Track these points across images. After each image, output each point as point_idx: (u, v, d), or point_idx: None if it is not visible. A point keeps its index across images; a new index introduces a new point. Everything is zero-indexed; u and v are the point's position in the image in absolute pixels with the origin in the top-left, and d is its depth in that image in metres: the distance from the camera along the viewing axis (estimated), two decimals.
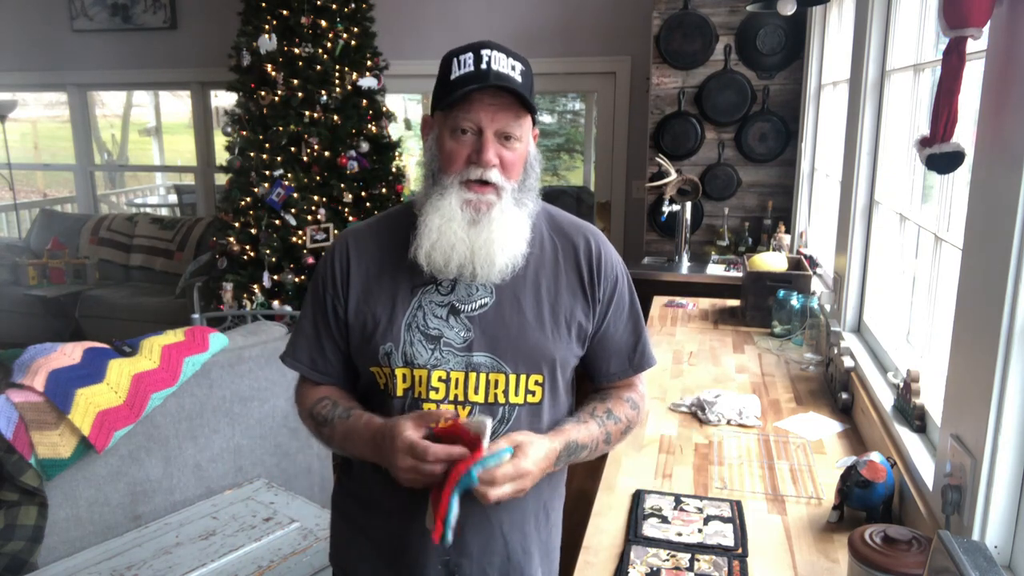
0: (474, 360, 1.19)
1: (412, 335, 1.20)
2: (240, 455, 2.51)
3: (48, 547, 2.05)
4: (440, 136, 1.18)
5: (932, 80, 1.92)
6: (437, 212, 1.15)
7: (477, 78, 1.12)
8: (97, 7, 5.93)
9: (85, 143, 6.56)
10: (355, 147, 4.38)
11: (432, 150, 1.20)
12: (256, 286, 4.25)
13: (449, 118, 1.15)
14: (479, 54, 1.14)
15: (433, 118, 1.22)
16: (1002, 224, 1.07)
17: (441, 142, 1.17)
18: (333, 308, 1.25)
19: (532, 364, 1.21)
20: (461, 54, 1.15)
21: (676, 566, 1.32)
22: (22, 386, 2.08)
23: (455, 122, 1.14)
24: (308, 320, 1.29)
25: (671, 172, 3.98)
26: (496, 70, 1.13)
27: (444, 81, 1.16)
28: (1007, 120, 1.08)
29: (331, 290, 1.25)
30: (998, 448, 1.10)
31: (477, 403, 1.19)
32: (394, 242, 1.24)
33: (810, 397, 2.13)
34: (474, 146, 1.15)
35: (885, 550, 1.15)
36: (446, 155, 1.16)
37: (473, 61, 1.14)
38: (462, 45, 1.18)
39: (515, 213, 1.18)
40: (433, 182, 1.19)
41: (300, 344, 1.30)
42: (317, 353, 1.28)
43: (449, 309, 1.20)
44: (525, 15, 4.96)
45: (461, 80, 1.13)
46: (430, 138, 1.21)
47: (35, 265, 5.55)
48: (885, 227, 2.21)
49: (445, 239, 1.15)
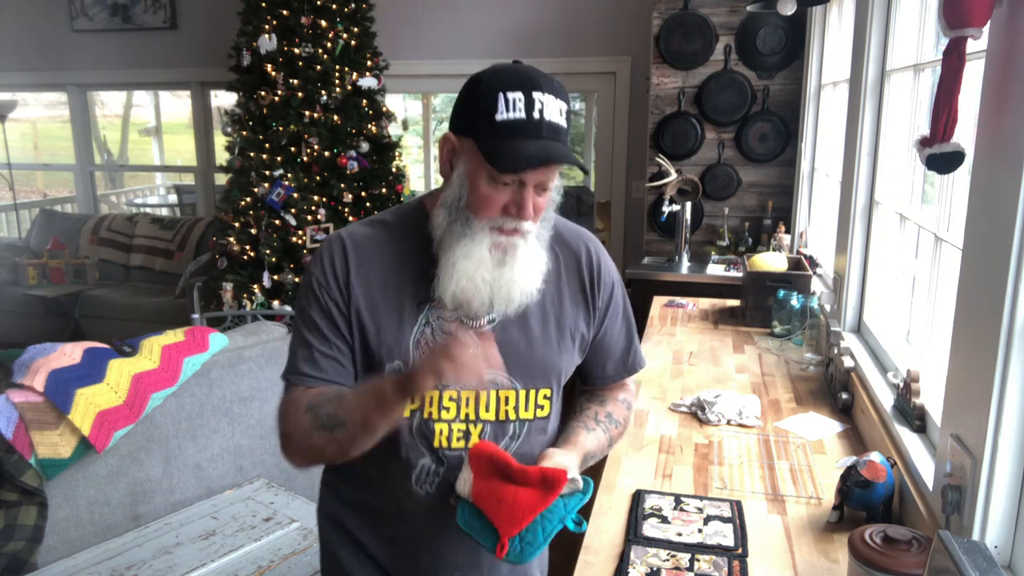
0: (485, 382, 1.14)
1: (421, 353, 1.14)
2: (240, 455, 2.51)
3: (48, 547, 2.05)
4: (474, 175, 1.09)
5: (932, 80, 1.92)
6: (467, 257, 1.09)
7: (528, 129, 1.05)
8: (97, 7, 5.93)
9: (85, 143, 6.56)
10: (355, 147, 4.38)
11: (462, 186, 1.11)
12: (256, 286, 4.25)
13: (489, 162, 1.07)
14: (531, 97, 1.06)
15: (461, 143, 1.12)
16: (1002, 224, 1.07)
17: (475, 183, 1.09)
18: (339, 312, 1.16)
19: (541, 379, 1.21)
20: (510, 91, 1.06)
21: (676, 566, 1.32)
22: (22, 386, 2.08)
23: (496, 172, 1.07)
24: (310, 329, 1.17)
25: (671, 172, 3.98)
26: (548, 121, 1.07)
27: (488, 117, 1.06)
28: (1007, 120, 1.08)
29: (333, 294, 1.16)
30: (998, 448, 1.10)
31: (488, 421, 1.17)
32: (399, 253, 1.17)
33: (810, 397, 2.13)
34: (513, 196, 1.09)
35: (885, 550, 1.15)
36: (480, 199, 1.09)
37: (524, 106, 1.05)
38: (506, 69, 1.09)
39: (537, 251, 1.15)
40: (456, 217, 1.11)
41: (307, 356, 1.16)
42: (329, 363, 1.16)
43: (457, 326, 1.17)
44: (525, 15, 4.96)
45: (511, 128, 1.05)
46: (459, 171, 1.11)
47: (35, 265, 5.55)
48: (885, 227, 2.21)
49: (472, 283, 1.10)
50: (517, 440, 1.20)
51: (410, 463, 1.17)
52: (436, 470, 1.17)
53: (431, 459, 1.17)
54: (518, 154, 1.05)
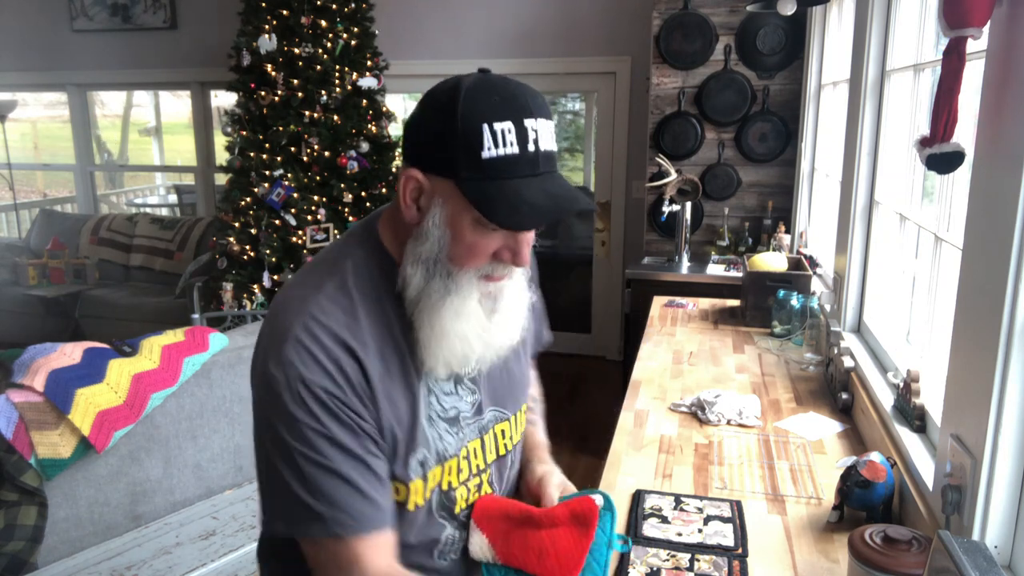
0: (484, 421, 1.07)
1: (436, 428, 1.00)
2: (240, 455, 2.51)
3: (48, 547, 2.05)
4: (455, 222, 0.91)
5: (932, 80, 1.92)
6: (457, 317, 0.94)
7: (523, 166, 0.89)
8: (97, 7, 5.93)
9: (85, 143, 6.56)
10: (355, 147, 4.38)
11: (442, 236, 0.92)
12: (256, 286, 4.25)
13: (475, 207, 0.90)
14: (522, 127, 0.89)
15: (433, 184, 0.92)
16: (1002, 224, 1.07)
17: (458, 231, 0.92)
18: (369, 425, 0.93)
19: (522, 396, 1.16)
20: (496, 121, 0.87)
21: (676, 566, 1.32)
22: (22, 386, 2.08)
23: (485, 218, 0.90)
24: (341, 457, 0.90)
25: (671, 172, 3.98)
26: (544, 152, 0.91)
27: (470, 154, 0.88)
28: (1007, 120, 1.08)
29: (355, 406, 0.92)
30: (998, 448, 1.10)
31: (492, 462, 1.10)
32: (380, 319, 0.97)
33: (810, 397, 2.13)
34: (504, 241, 0.94)
35: (885, 550, 1.15)
36: (466, 250, 0.92)
37: (516, 138, 0.88)
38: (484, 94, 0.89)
39: (523, 286, 1.04)
40: (435, 273, 0.94)
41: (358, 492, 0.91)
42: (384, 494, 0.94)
43: (454, 379, 1.04)
44: (525, 15, 4.96)
45: (502, 167, 0.88)
46: (435, 218, 0.92)
47: (35, 265, 5.55)
48: (885, 227, 2.20)
49: (467, 343, 0.96)
50: (514, 467, 1.16)
51: (433, 540, 1.05)
52: (459, 536, 1.07)
53: (453, 527, 1.07)
54: (518, 203, 0.88)
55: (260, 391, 0.93)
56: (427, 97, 0.94)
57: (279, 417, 0.90)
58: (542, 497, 1.10)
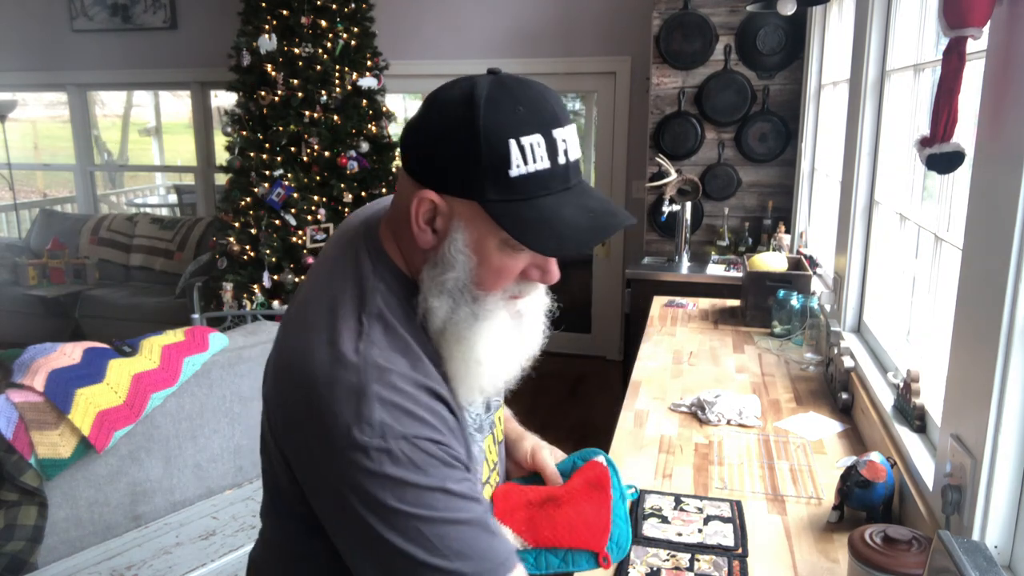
0: (491, 415, 1.04)
1: (476, 443, 0.98)
2: (240, 455, 2.51)
3: (48, 547, 2.05)
4: (481, 245, 0.84)
5: (932, 80, 1.92)
6: (490, 343, 0.88)
7: (555, 181, 0.82)
8: (97, 7, 5.93)
9: (85, 143, 6.56)
10: (355, 147, 4.39)
11: (467, 262, 0.85)
12: (256, 286, 4.25)
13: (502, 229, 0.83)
14: (551, 138, 0.82)
15: (452, 206, 0.84)
16: (1002, 224, 1.07)
17: (485, 255, 0.85)
18: (467, 467, 0.88)
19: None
20: (524, 135, 0.80)
21: (676, 566, 1.32)
22: (22, 386, 2.08)
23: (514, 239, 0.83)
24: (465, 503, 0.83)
25: (671, 172, 3.98)
26: (573, 162, 0.85)
27: (497, 172, 0.80)
28: (1007, 120, 1.08)
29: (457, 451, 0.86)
30: (998, 448, 1.10)
31: (497, 452, 1.09)
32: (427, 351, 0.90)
33: (810, 397, 2.13)
34: (533, 259, 0.88)
35: (885, 550, 1.15)
36: (494, 273, 0.86)
37: (546, 152, 0.81)
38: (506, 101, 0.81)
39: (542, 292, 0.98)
40: (461, 301, 0.87)
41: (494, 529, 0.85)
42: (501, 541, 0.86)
43: None
44: (525, 15, 4.96)
45: (533, 185, 0.81)
46: (456, 242, 0.84)
47: (35, 265, 5.56)
48: (885, 227, 2.21)
49: (502, 368, 0.92)
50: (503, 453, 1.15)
51: None
52: None
53: None
54: (559, 226, 0.81)
55: (342, 465, 0.79)
56: (436, 108, 0.83)
57: (381, 486, 0.78)
58: (543, 469, 1.12)
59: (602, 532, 1.06)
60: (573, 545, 1.05)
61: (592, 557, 1.06)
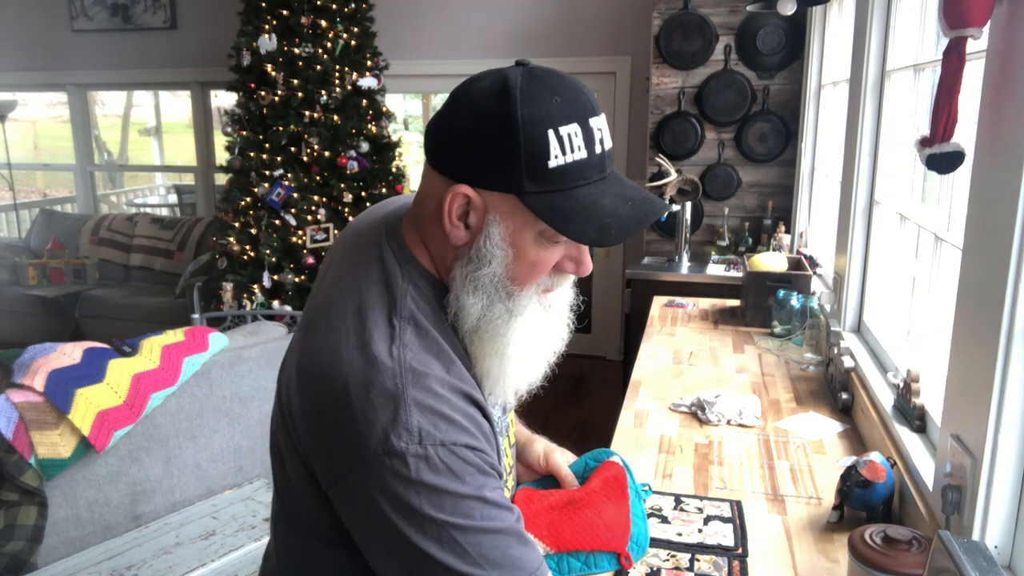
0: (505, 419, 1.02)
1: (501, 449, 0.95)
2: (240, 455, 2.51)
3: (48, 547, 2.05)
4: (518, 238, 0.83)
5: (932, 80, 1.92)
6: (524, 339, 0.87)
7: (592, 170, 0.82)
8: (97, 7, 5.93)
9: (85, 143, 6.56)
10: (355, 147, 4.39)
11: (504, 256, 0.84)
12: (256, 286, 4.26)
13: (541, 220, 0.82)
14: (588, 127, 0.81)
15: (488, 200, 0.82)
16: (1002, 224, 1.07)
17: (521, 248, 0.84)
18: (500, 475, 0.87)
19: None
20: (561, 124, 0.79)
21: (676, 566, 1.32)
22: (22, 386, 2.08)
23: (552, 231, 0.82)
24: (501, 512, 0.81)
25: (671, 172, 3.98)
26: (608, 151, 0.85)
27: (535, 164, 0.79)
28: (1007, 120, 1.08)
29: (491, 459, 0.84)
30: (998, 448, 1.10)
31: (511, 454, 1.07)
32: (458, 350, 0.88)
33: (810, 397, 2.13)
34: (567, 251, 0.87)
35: (885, 550, 1.15)
36: (530, 266, 0.85)
37: (584, 141, 0.81)
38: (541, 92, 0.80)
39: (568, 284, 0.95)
40: (496, 298, 0.85)
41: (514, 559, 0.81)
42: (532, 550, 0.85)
43: None
44: (525, 15, 4.96)
45: (572, 175, 0.81)
46: (493, 237, 0.83)
47: (35, 265, 5.56)
48: (885, 227, 2.21)
49: (535, 365, 0.91)
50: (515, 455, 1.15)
51: None
52: None
53: None
54: (600, 215, 0.81)
55: (377, 471, 0.77)
56: (468, 103, 0.82)
57: (418, 494, 0.76)
58: (557, 472, 1.12)
59: (623, 532, 1.06)
60: (595, 547, 1.05)
61: (614, 558, 1.05)
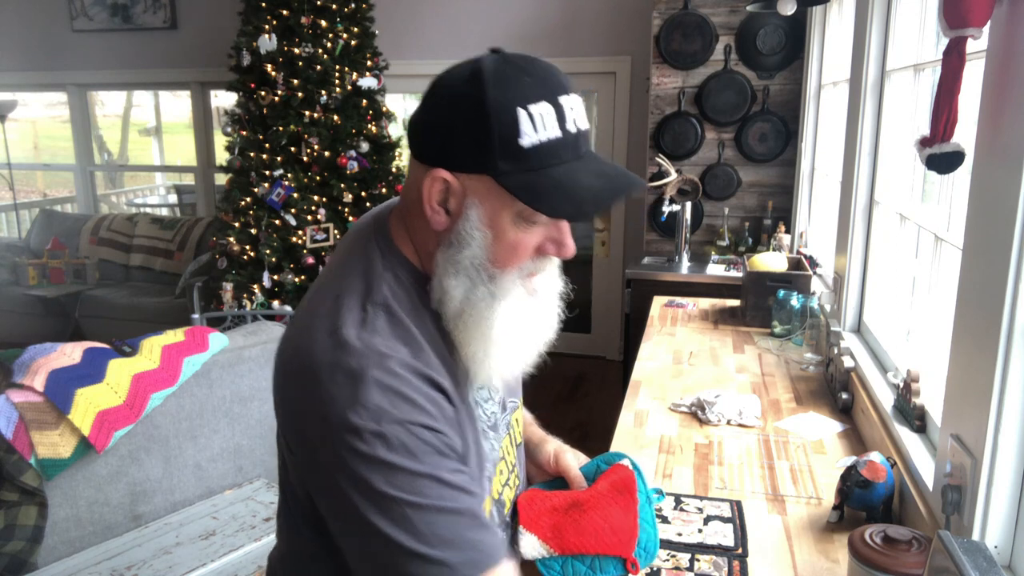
0: (507, 416, 1.03)
1: (489, 440, 0.95)
2: (240, 455, 2.51)
3: (48, 547, 2.05)
4: (496, 220, 0.84)
5: (932, 80, 1.92)
6: (510, 324, 0.88)
7: (566, 150, 0.82)
8: (97, 7, 5.93)
9: (85, 143, 6.56)
10: (355, 147, 4.39)
11: (483, 238, 0.85)
12: (256, 286, 4.25)
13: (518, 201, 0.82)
14: (559, 105, 0.82)
15: (464, 182, 0.84)
16: (1002, 224, 1.07)
17: (500, 230, 0.85)
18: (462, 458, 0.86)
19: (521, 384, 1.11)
20: (532, 102, 0.81)
21: (676, 566, 1.32)
22: (22, 386, 2.08)
23: (529, 210, 0.83)
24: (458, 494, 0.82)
25: (671, 172, 3.98)
26: (583, 131, 0.85)
27: (507, 143, 0.80)
28: (1007, 120, 1.08)
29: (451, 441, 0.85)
30: (998, 448, 1.10)
31: (516, 455, 1.07)
32: (432, 341, 0.89)
33: (810, 397, 2.13)
34: (547, 233, 0.87)
35: (885, 550, 1.15)
36: (509, 249, 0.85)
37: (556, 119, 0.82)
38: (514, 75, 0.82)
39: (556, 272, 0.96)
40: (478, 281, 0.86)
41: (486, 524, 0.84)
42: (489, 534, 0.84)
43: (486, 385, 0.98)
44: (525, 15, 4.96)
45: (545, 154, 0.81)
46: (471, 220, 0.84)
47: (35, 265, 5.56)
48: (885, 227, 2.21)
49: (519, 351, 0.91)
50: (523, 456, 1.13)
51: None
52: (506, 537, 1.02)
53: (504, 531, 1.01)
54: (574, 190, 0.81)
55: (336, 448, 0.79)
56: (441, 89, 0.84)
57: (373, 470, 0.78)
58: (566, 473, 1.09)
59: (629, 537, 1.03)
60: (600, 551, 1.02)
61: (620, 563, 1.02)
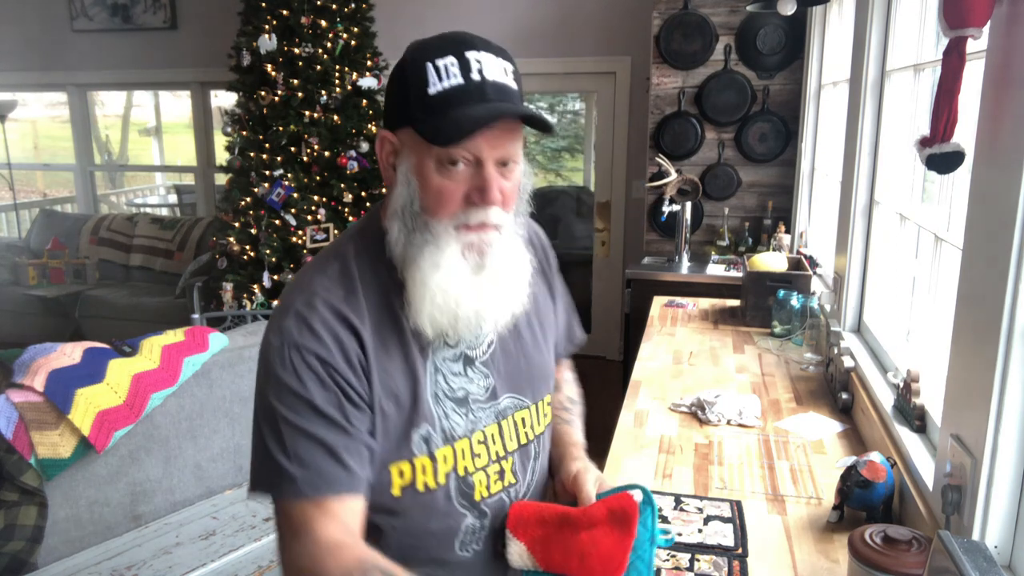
0: (501, 407, 1.06)
1: (443, 406, 1.00)
2: (240, 455, 2.51)
3: (48, 547, 2.05)
4: (420, 167, 0.93)
5: (932, 80, 1.92)
6: (436, 268, 0.93)
7: (469, 95, 0.90)
8: (97, 7, 5.93)
9: (85, 143, 6.56)
10: (355, 147, 4.39)
11: (410, 186, 0.94)
12: (256, 286, 4.25)
13: (435, 146, 0.91)
14: (464, 59, 0.91)
15: (399, 137, 0.96)
16: (1002, 224, 1.07)
17: (424, 176, 0.93)
18: (357, 396, 0.94)
19: (543, 386, 1.13)
20: (438, 57, 0.91)
21: (676, 566, 1.32)
22: (22, 386, 2.08)
23: (445, 152, 0.91)
24: (320, 421, 0.91)
25: (671, 172, 3.98)
26: (492, 82, 0.92)
27: (419, 94, 0.91)
28: (1007, 120, 1.08)
29: (347, 376, 0.93)
30: (998, 448, 1.10)
31: (514, 451, 1.08)
32: (381, 297, 0.98)
33: (810, 397, 2.13)
34: (471, 181, 0.93)
35: (885, 550, 1.15)
36: (434, 194, 0.93)
37: (459, 70, 0.91)
38: (430, 40, 0.94)
39: (518, 246, 1.01)
40: (414, 226, 0.95)
41: (327, 455, 0.91)
42: (357, 461, 0.93)
43: (463, 361, 1.03)
44: (525, 15, 4.96)
45: (448, 98, 0.90)
46: (403, 169, 0.95)
47: (35, 265, 5.56)
48: (885, 227, 2.21)
49: (450, 296, 0.94)
50: (539, 458, 1.13)
51: (452, 529, 1.03)
52: (481, 526, 1.04)
53: (474, 516, 1.04)
54: (462, 120, 0.89)
55: (259, 361, 0.96)
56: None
57: (268, 382, 0.93)
58: (579, 493, 1.07)
59: (616, 569, 0.96)
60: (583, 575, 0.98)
61: None
